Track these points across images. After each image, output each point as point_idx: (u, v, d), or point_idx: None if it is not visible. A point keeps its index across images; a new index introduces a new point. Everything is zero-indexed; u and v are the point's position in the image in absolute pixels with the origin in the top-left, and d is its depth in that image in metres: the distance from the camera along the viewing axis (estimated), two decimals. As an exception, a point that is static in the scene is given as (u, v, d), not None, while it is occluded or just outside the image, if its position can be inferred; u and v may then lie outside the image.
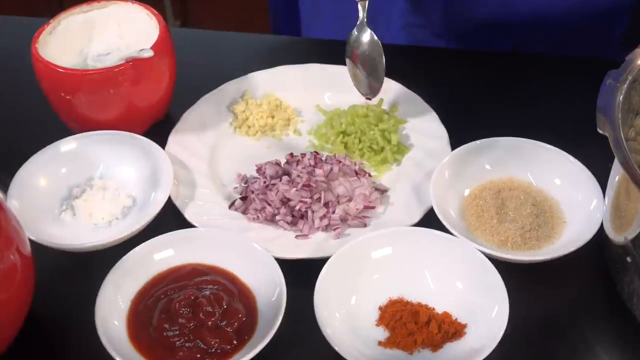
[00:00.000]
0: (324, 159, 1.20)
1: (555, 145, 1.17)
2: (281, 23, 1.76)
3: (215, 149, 1.27)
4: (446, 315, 1.03)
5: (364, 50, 1.23)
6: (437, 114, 1.27)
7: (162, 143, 1.24)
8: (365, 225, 1.14)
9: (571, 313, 1.06)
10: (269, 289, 1.04)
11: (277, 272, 1.04)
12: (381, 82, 1.23)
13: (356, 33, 1.23)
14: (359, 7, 1.23)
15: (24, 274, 1.00)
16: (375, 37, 1.22)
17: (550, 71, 1.37)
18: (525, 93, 1.34)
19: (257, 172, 1.21)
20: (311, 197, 1.15)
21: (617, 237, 1.03)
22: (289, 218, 1.15)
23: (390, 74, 1.27)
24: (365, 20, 1.23)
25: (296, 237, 1.13)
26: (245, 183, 1.21)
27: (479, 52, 1.41)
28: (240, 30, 1.53)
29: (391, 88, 1.31)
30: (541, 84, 1.35)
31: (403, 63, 1.33)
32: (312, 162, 1.19)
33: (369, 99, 1.24)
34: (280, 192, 1.15)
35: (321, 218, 1.14)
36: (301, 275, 1.05)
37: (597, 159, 1.09)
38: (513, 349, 1.00)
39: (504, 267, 1.04)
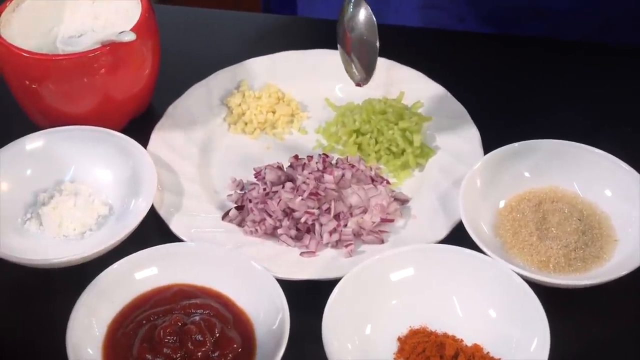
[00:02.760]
0: (334, 162, 1.22)
1: (606, 150, 1.19)
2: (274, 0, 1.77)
3: (206, 149, 1.29)
4: (476, 348, 1.05)
5: (360, 31, 1.23)
6: (467, 110, 1.29)
7: (144, 141, 1.26)
8: (382, 242, 1.17)
9: (621, 347, 1.08)
10: (269, 314, 1.06)
11: (279, 296, 1.06)
12: (374, 68, 1.23)
13: (351, 9, 1.23)
14: None
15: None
16: (372, 15, 1.22)
17: (598, 61, 1.39)
18: (570, 87, 1.36)
19: (256, 177, 1.23)
20: (319, 208, 1.17)
21: (677, 259, 1.05)
22: (293, 232, 1.17)
23: (408, 62, 1.29)
24: None
25: (301, 254, 1.16)
26: (241, 190, 1.23)
27: (512, 37, 1.43)
28: (228, 7, 1.54)
29: (412, 79, 1.33)
30: (588, 76, 1.37)
31: (424, 49, 1.35)
32: (321, 167, 1.21)
33: (360, 85, 1.24)
34: (283, 201, 1.17)
35: (330, 232, 1.16)
36: (307, 299, 1.07)
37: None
38: (554, 389, 1.02)
39: (544, 292, 1.06)
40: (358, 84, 1.25)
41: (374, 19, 1.22)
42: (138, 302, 1.09)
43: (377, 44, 1.22)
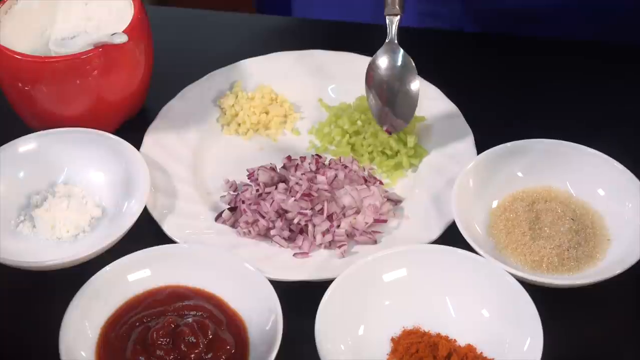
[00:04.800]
0: (327, 163, 1.23)
1: (599, 150, 1.19)
2: (267, 1, 1.77)
3: (199, 150, 1.29)
4: (470, 348, 1.05)
5: (380, 76, 1.24)
6: (460, 110, 1.29)
7: (137, 143, 1.26)
8: (375, 242, 1.17)
9: (615, 346, 1.08)
10: (262, 316, 1.06)
11: (272, 297, 1.06)
12: (404, 120, 1.23)
13: (377, 54, 1.24)
14: (387, 21, 1.24)
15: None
16: (400, 62, 1.23)
17: (593, 61, 1.39)
18: (564, 87, 1.36)
19: (249, 179, 1.23)
20: (312, 209, 1.17)
21: (670, 258, 1.05)
22: (286, 233, 1.17)
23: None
24: (394, 38, 1.23)
25: (294, 255, 1.16)
26: (234, 191, 1.23)
27: (506, 37, 1.43)
28: (221, 8, 1.54)
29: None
30: (582, 76, 1.38)
31: (416, 50, 1.34)
32: (314, 167, 1.21)
33: (389, 132, 1.25)
34: (276, 202, 1.17)
35: (324, 233, 1.16)
36: (300, 300, 1.07)
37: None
38: (547, 389, 1.03)
39: (537, 292, 1.06)
40: (387, 131, 1.25)
41: (409, 64, 1.23)
42: (131, 304, 1.09)
43: (412, 87, 1.23)
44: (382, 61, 1.24)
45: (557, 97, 1.35)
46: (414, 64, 1.23)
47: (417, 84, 1.23)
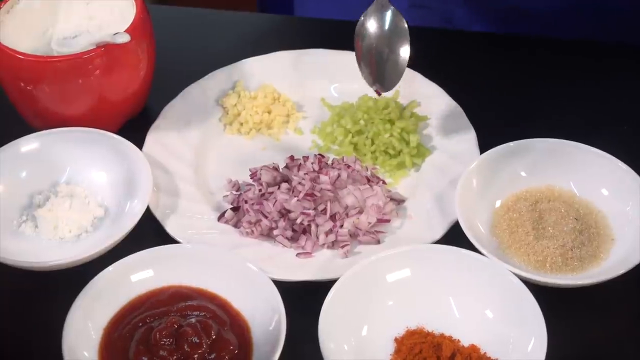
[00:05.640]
0: (330, 163, 1.23)
1: (603, 149, 1.19)
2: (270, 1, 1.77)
3: (201, 150, 1.29)
4: (473, 348, 1.05)
5: (369, 42, 1.24)
6: (463, 109, 1.29)
7: (139, 142, 1.26)
8: (378, 242, 1.17)
9: (619, 346, 1.09)
10: (265, 316, 1.06)
11: (275, 297, 1.06)
12: (392, 82, 1.23)
13: (363, 17, 1.24)
14: None
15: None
16: (388, 25, 1.23)
17: (597, 60, 1.40)
18: (567, 86, 1.36)
19: (251, 178, 1.23)
20: (315, 209, 1.17)
21: (674, 258, 1.05)
22: (289, 233, 1.17)
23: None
24: None
25: (297, 255, 1.16)
26: (237, 191, 1.23)
27: (509, 36, 1.43)
28: (223, 7, 1.55)
29: (408, 78, 1.33)
30: (586, 75, 1.37)
31: (419, 48, 1.34)
32: (316, 167, 1.21)
33: (378, 93, 1.25)
34: (279, 202, 1.17)
35: (327, 233, 1.16)
36: (303, 300, 1.07)
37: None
38: (551, 389, 1.03)
39: (541, 292, 1.06)
40: (377, 92, 1.25)
41: (397, 26, 1.22)
42: (134, 304, 1.09)
43: (400, 52, 1.22)
44: (371, 24, 1.24)
45: (561, 96, 1.35)
46: (404, 23, 1.22)
47: (407, 48, 1.22)
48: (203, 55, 1.42)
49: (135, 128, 1.29)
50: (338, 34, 1.33)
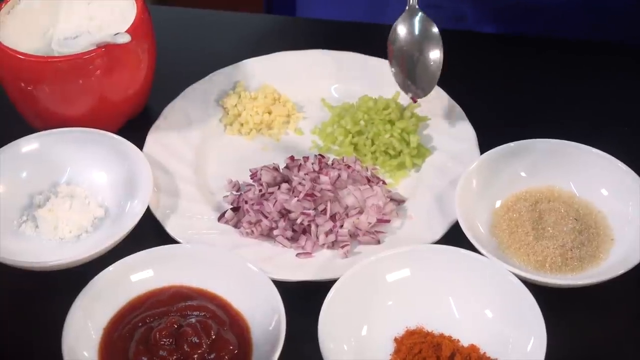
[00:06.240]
0: (330, 163, 1.23)
1: (603, 150, 1.19)
2: (276, 1, 1.78)
3: (202, 150, 1.29)
4: (473, 348, 1.05)
5: (399, 45, 1.25)
6: (464, 110, 1.30)
7: (140, 143, 1.26)
8: (378, 242, 1.17)
9: (618, 346, 1.09)
10: (265, 316, 1.06)
11: (275, 297, 1.06)
12: (425, 89, 1.25)
13: (397, 23, 1.25)
14: None
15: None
16: (418, 30, 1.24)
17: (596, 60, 1.40)
18: (568, 87, 1.36)
19: (252, 179, 1.23)
20: (315, 209, 1.17)
21: (674, 258, 1.05)
22: (289, 233, 1.17)
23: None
24: (415, 4, 1.24)
25: (297, 255, 1.16)
26: (237, 191, 1.23)
27: (508, 36, 1.43)
28: (227, 8, 1.55)
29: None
30: (586, 76, 1.38)
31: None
32: (316, 167, 1.21)
33: (414, 100, 1.27)
34: (279, 202, 1.18)
35: (327, 233, 1.16)
36: (303, 300, 1.08)
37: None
38: (551, 389, 1.03)
39: (541, 292, 1.06)
40: (413, 99, 1.27)
41: (429, 31, 1.24)
42: (134, 304, 1.10)
43: (431, 56, 1.24)
44: (401, 29, 1.26)
45: (561, 96, 1.35)
46: (436, 30, 1.24)
47: (438, 53, 1.24)
48: (203, 55, 1.42)
49: (135, 128, 1.29)
50: (339, 35, 1.33)
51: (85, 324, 1.06)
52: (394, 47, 1.26)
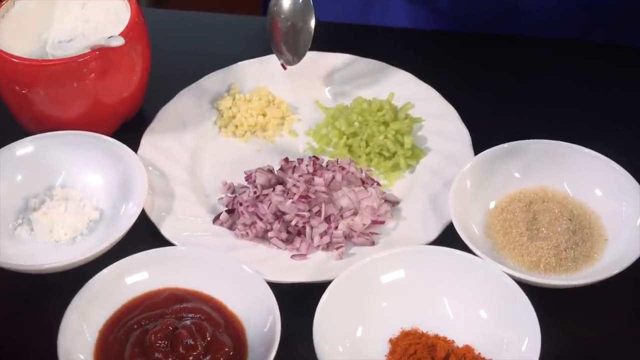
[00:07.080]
0: (324, 165, 1.23)
1: (597, 150, 1.20)
2: None
3: (196, 152, 1.30)
4: (468, 349, 1.05)
5: (285, 17, 1.27)
6: (457, 111, 1.30)
7: (134, 146, 1.26)
8: (373, 244, 1.17)
9: (612, 346, 1.09)
10: (260, 318, 1.06)
11: (270, 298, 1.06)
12: (300, 56, 1.28)
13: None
14: None
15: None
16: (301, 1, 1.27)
17: (588, 61, 1.40)
18: (561, 88, 1.37)
19: (246, 181, 1.24)
20: (309, 211, 1.17)
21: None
22: (284, 235, 1.17)
23: (397, 63, 1.29)
24: None
25: (292, 257, 1.16)
26: (232, 193, 1.24)
27: (501, 36, 1.43)
28: (224, 11, 1.55)
29: (402, 80, 1.34)
30: (580, 77, 1.38)
31: (413, 50, 1.35)
32: (311, 169, 1.21)
33: (284, 67, 1.29)
34: (274, 204, 1.18)
35: (321, 235, 1.16)
36: (298, 302, 1.08)
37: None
38: (545, 389, 1.03)
39: (535, 292, 1.06)
40: (282, 65, 1.29)
41: (306, 2, 1.26)
42: (129, 306, 1.10)
43: (311, 25, 1.26)
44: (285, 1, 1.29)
45: (554, 97, 1.35)
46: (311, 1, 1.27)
47: (313, 22, 1.28)
48: (198, 58, 1.42)
49: (130, 131, 1.30)
50: (333, 37, 1.33)
51: (81, 327, 1.07)
52: (275, 17, 1.28)
